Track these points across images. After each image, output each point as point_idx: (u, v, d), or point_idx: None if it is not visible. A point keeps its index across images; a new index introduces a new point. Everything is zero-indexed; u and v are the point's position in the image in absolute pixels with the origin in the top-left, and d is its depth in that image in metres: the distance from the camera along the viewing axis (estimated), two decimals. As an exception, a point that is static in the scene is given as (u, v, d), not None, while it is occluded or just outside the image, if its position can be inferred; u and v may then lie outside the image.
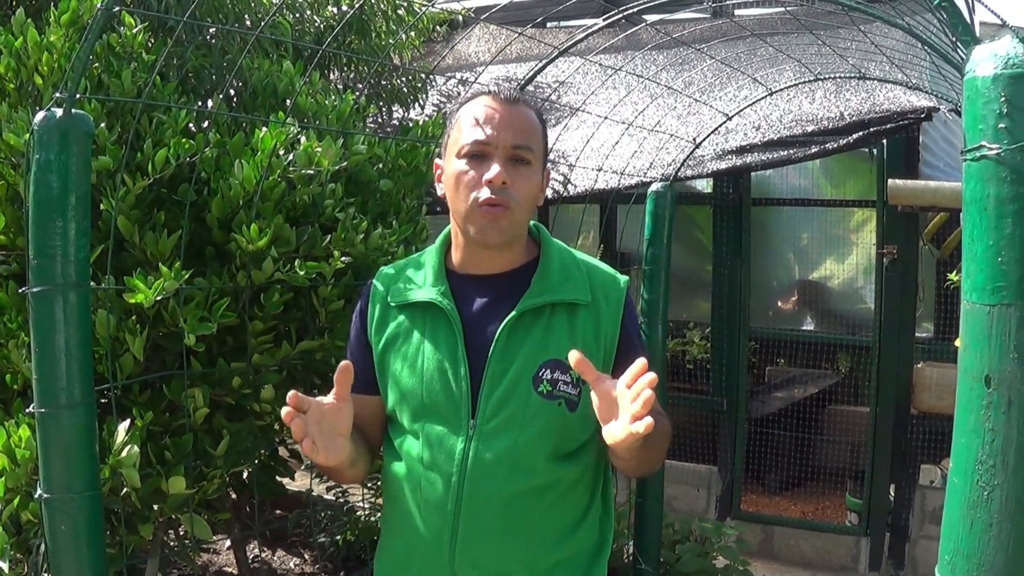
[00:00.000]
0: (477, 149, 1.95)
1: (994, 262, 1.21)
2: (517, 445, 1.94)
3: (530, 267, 2.07)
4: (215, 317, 2.58)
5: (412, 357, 2.02)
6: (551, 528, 2.01)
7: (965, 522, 1.26)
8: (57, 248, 1.91)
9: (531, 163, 1.98)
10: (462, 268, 2.08)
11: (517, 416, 1.94)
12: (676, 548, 4.68)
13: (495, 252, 2.03)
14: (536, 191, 2.01)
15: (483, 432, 1.95)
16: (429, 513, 1.98)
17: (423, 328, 2.03)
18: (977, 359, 1.24)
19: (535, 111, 2.06)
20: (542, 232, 2.14)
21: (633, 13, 3.73)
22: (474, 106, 2.00)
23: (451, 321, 1.99)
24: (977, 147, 1.23)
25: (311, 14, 4.99)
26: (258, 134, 2.74)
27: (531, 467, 1.95)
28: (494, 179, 1.91)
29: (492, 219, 1.93)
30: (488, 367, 1.97)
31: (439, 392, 1.97)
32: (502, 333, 1.97)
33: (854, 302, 7.54)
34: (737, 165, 5.20)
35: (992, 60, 1.23)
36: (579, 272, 2.07)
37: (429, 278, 2.06)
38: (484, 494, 1.93)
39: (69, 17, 2.79)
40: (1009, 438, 1.21)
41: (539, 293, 2.00)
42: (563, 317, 2.00)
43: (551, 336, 1.98)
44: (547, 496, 1.99)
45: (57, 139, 1.89)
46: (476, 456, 1.94)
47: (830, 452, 6.94)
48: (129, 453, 2.36)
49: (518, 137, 1.95)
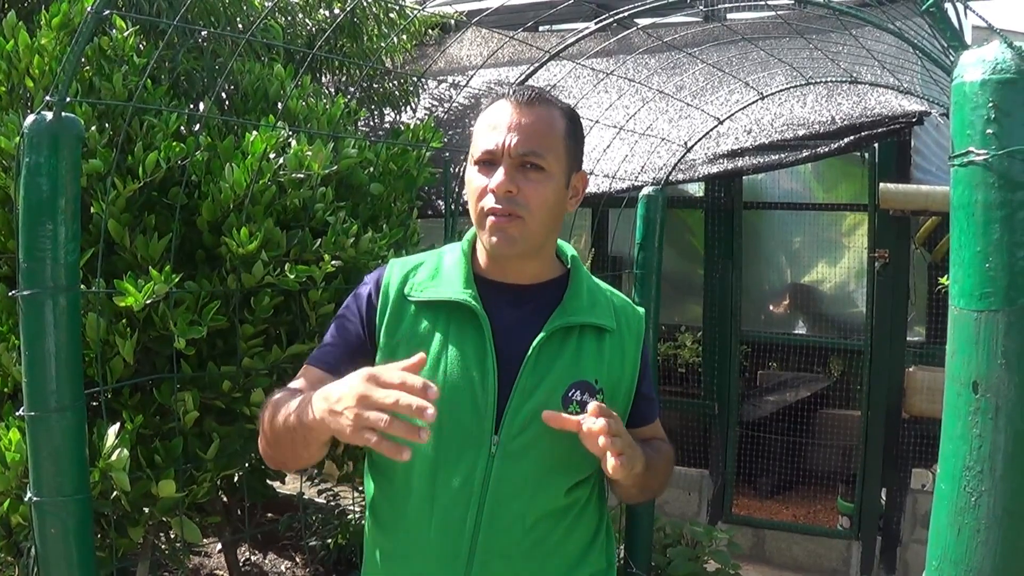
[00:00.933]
0: (487, 156, 1.87)
1: (981, 268, 1.21)
2: (544, 465, 1.88)
3: (558, 284, 2.02)
4: (205, 320, 2.58)
5: (433, 360, 1.89)
6: (567, 552, 1.96)
7: (953, 528, 1.26)
8: (47, 251, 1.90)
9: (544, 168, 1.87)
10: (488, 274, 1.99)
11: (545, 435, 1.84)
12: (667, 552, 4.68)
13: (517, 261, 1.95)
14: (552, 197, 1.89)
15: (508, 450, 1.86)
16: (440, 535, 1.87)
17: (447, 330, 1.92)
18: (964, 365, 1.24)
19: (562, 109, 1.96)
20: (574, 258, 2.09)
21: (625, 17, 3.73)
22: (490, 110, 1.92)
23: (482, 326, 1.90)
24: (965, 152, 1.23)
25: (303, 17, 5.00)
26: (249, 137, 2.74)
27: (555, 489, 1.90)
28: (496, 188, 1.83)
29: (500, 228, 1.85)
30: (519, 380, 1.88)
31: (463, 402, 1.85)
32: (536, 346, 1.90)
33: (846, 306, 7.55)
34: (728, 169, 5.20)
35: (980, 65, 1.23)
36: (605, 299, 2.04)
37: (456, 278, 1.96)
38: (508, 515, 1.85)
39: (60, 20, 2.79)
40: (996, 444, 1.21)
41: (572, 312, 1.95)
42: (592, 340, 1.96)
43: (582, 357, 1.93)
44: (565, 519, 1.94)
45: (47, 142, 1.89)
46: (501, 475, 1.85)
47: (822, 456, 6.94)
48: (119, 456, 2.35)
49: (526, 143, 1.85)
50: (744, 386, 7.25)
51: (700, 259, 7.01)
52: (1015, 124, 1.20)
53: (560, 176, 1.91)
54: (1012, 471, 1.21)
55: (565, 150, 1.93)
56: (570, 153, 1.95)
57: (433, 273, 2.00)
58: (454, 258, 2.01)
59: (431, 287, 1.97)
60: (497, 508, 1.84)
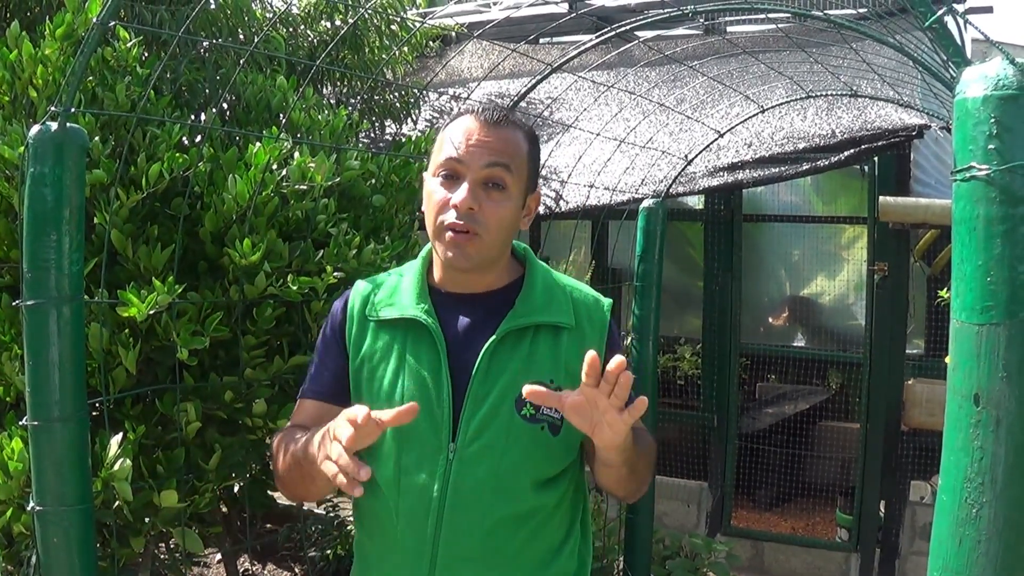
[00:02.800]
0: (449, 169, 1.90)
1: (983, 282, 1.22)
2: (500, 470, 1.89)
3: (514, 287, 2.03)
4: (208, 331, 2.58)
5: (392, 375, 1.95)
6: (531, 556, 1.96)
7: (954, 540, 1.27)
8: (51, 261, 1.91)
9: (505, 188, 1.91)
10: (444, 286, 2.03)
11: (499, 439, 1.89)
12: (666, 564, 4.68)
13: (472, 274, 1.98)
14: (509, 216, 1.93)
15: (464, 456, 1.89)
16: (406, 540, 1.92)
17: (404, 346, 1.96)
18: (966, 378, 1.25)
19: (525, 131, 1.99)
20: (528, 254, 2.10)
21: (626, 30, 3.75)
22: (455, 125, 1.94)
23: (435, 339, 1.93)
24: (967, 168, 1.24)
25: (304, 28, 5.02)
26: (252, 149, 2.74)
27: (514, 493, 1.91)
28: (459, 204, 1.86)
29: (457, 244, 1.88)
30: (470, 388, 1.91)
31: (421, 413, 1.78)
32: (485, 354, 1.92)
33: (845, 318, 7.57)
34: (729, 182, 5.22)
35: (982, 81, 1.24)
36: (563, 295, 2.03)
37: (411, 294, 2.00)
38: (466, 520, 1.87)
39: (64, 30, 2.80)
40: (997, 456, 1.22)
41: (523, 314, 1.96)
42: (547, 340, 1.96)
43: (535, 358, 1.94)
44: (529, 523, 1.94)
45: (52, 152, 1.90)
46: (457, 481, 1.88)
47: (820, 468, 6.95)
48: (121, 466, 2.35)
49: (492, 160, 1.89)
50: (743, 398, 7.26)
51: (700, 271, 7.02)
52: (1017, 140, 1.21)
53: (519, 196, 1.96)
54: (1013, 483, 1.22)
55: (527, 171, 1.98)
56: (530, 174, 2.00)
57: (391, 292, 2.05)
58: (411, 274, 2.06)
59: (387, 306, 2.02)
60: (455, 514, 1.87)
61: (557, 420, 1.91)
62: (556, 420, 1.91)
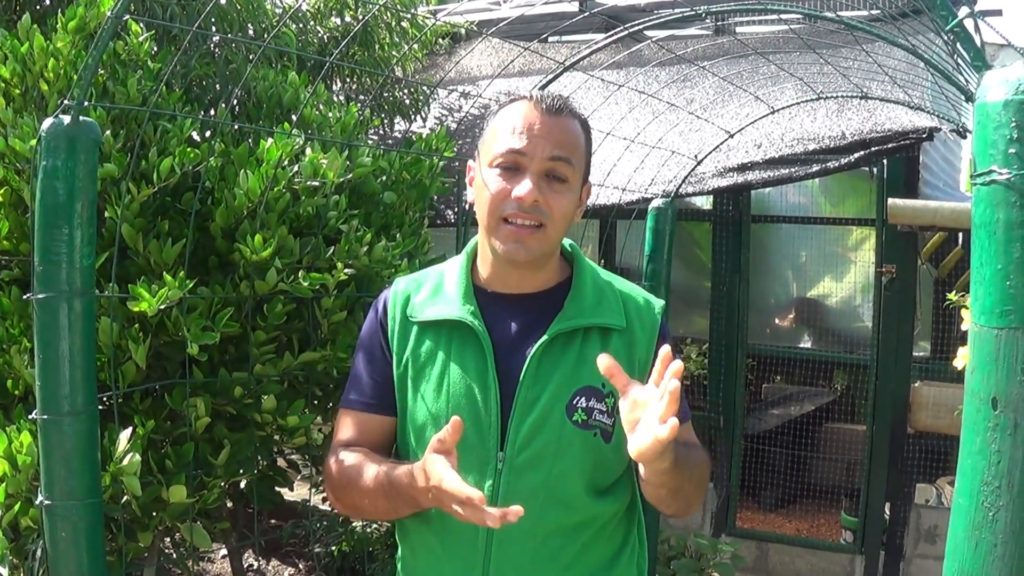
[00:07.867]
0: (511, 160, 1.82)
1: (1002, 286, 1.21)
2: (551, 478, 1.83)
3: (563, 288, 1.95)
4: (218, 327, 2.58)
5: (436, 380, 1.88)
6: (586, 567, 1.90)
7: (970, 543, 1.26)
8: (63, 255, 1.90)
9: (567, 179, 1.84)
10: (490, 285, 1.96)
11: (550, 447, 1.83)
12: (671, 564, 4.69)
13: (526, 271, 1.91)
14: (571, 209, 1.87)
15: (514, 465, 1.83)
16: (456, 553, 1.87)
17: (448, 349, 1.89)
18: (984, 381, 1.25)
19: (580, 121, 1.91)
20: (575, 251, 2.03)
21: (636, 30, 3.74)
22: (513, 112, 1.87)
23: (481, 342, 1.87)
24: (987, 172, 1.23)
25: (315, 24, 5.01)
26: (263, 145, 2.75)
27: (567, 502, 1.85)
28: (524, 197, 1.79)
29: (520, 238, 1.81)
30: (519, 394, 1.84)
31: (467, 420, 1.75)
32: (533, 357, 1.85)
33: (852, 320, 7.55)
34: (738, 182, 5.21)
35: (1003, 86, 1.23)
36: (613, 295, 1.96)
37: (455, 294, 1.93)
38: (517, 531, 1.73)
39: (76, 24, 2.80)
40: (1015, 460, 1.22)
41: (573, 316, 1.89)
42: (597, 342, 1.89)
43: (585, 362, 1.85)
44: (583, 534, 1.88)
45: (65, 146, 1.89)
46: (508, 491, 1.81)
47: (826, 470, 6.94)
48: (130, 461, 2.35)
49: (556, 151, 1.82)
50: (749, 399, 7.25)
51: (707, 272, 7.01)
52: (1037, 144, 1.20)
53: (577, 187, 1.90)
54: (1030, 487, 1.21)
55: (584, 163, 1.92)
56: (586, 165, 1.94)
57: (434, 291, 1.97)
58: (455, 273, 1.98)
59: (431, 306, 1.95)
60: (507, 525, 1.71)
61: (609, 427, 1.86)
62: (608, 427, 1.86)
